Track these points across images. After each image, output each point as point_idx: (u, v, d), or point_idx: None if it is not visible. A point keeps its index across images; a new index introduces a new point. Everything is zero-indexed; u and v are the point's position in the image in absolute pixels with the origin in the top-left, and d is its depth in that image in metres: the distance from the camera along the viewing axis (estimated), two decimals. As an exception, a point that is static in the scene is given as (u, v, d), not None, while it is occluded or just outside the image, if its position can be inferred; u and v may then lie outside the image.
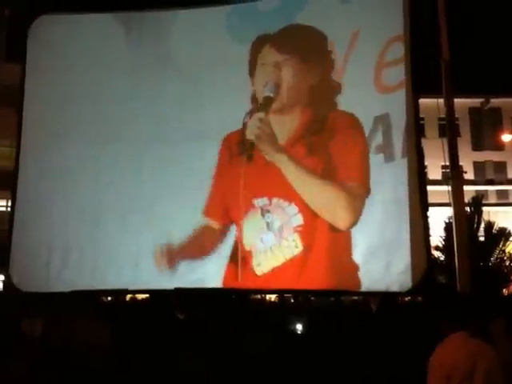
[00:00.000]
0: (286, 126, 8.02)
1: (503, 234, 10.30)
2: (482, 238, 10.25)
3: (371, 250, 7.34)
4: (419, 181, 7.34)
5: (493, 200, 28.66)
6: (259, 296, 9.41)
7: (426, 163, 8.08)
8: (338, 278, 7.46)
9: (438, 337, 3.92)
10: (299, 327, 8.24)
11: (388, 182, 7.50)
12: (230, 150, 8.20)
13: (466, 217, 8.29)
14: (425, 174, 7.89)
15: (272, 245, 7.69)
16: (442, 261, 9.72)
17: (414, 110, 7.49)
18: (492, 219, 10.93)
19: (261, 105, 7.92)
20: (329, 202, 7.54)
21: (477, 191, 22.37)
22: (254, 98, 8.20)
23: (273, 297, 9.79)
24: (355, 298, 8.54)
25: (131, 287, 8.35)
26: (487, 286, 8.31)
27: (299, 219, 7.64)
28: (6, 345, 4.89)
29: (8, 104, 10.69)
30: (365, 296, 8.06)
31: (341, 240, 7.42)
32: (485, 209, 11.12)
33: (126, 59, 9.05)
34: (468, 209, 9.61)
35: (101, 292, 8.67)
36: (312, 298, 9.01)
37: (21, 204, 8.97)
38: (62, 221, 8.74)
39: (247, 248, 7.86)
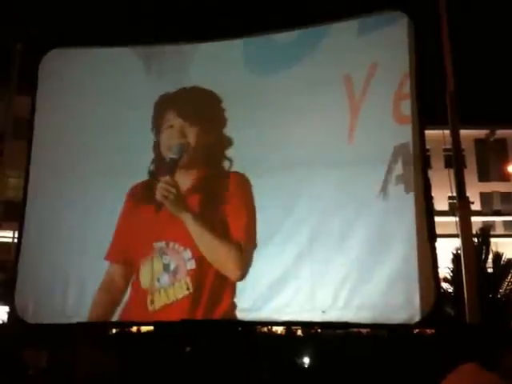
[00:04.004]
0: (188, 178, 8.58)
1: (511, 265, 10.17)
2: (490, 270, 10.13)
3: (379, 282, 7.30)
4: (427, 212, 7.32)
5: (500, 231, 28.45)
6: (266, 329, 9.30)
7: (432, 194, 8.06)
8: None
9: (448, 368, 3.85)
10: (306, 359, 8.15)
11: (396, 214, 7.49)
12: (137, 198, 8.72)
13: (474, 248, 8.23)
14: (432, 205, 7.85)
15: (166, 285, 8.29)
16: (450, 292, 9.60)
17: (420, 142, 7.50)
18: (499, 250, 10.79)
19: (168, 167, 8.52)
20: (221, 257, 8.25)
21: (484, 222, 22.25)
22: (159, 155, 8.73)
23: (279, 329, 9.68)
24: (363, 330, 8.43)
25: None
26: (496, 318, 8.20)
27: (192, 264, 8.23)
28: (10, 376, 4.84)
29: (17, 136, 10.75)
30: (373, 328, 7.97)
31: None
32: (492, 240, 11.00)
33: (145, 93, 9.12)
34: (476, 240, 9.52)
35: (107, 324, 8.63)
36: (319, 331, 8.90)
37: (27, 235, 9.00)
38: (66, 253, 8.78)
39: (144, 287, 8.38)
